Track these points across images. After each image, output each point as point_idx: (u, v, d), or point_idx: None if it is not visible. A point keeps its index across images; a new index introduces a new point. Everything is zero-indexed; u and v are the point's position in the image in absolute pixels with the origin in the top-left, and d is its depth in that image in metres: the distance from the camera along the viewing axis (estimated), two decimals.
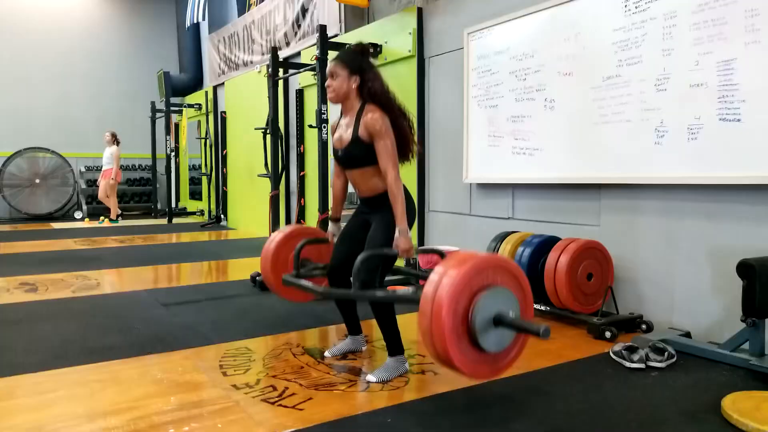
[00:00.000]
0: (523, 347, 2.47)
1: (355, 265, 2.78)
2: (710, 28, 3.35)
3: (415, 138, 3.12)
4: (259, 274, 5.15)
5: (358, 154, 2.95)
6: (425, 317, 2.27)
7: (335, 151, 3.12)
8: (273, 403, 2.61)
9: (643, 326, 3.70)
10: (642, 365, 3.01)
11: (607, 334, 3.50)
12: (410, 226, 2.98)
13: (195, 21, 10.87)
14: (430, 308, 2.24)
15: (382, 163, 2.88)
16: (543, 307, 4.00)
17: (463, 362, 2.27)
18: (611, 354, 3.18)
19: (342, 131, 3.05)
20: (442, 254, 3.11)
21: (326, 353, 3.27)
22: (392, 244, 2.89)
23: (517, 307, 2.36)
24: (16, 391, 2.77)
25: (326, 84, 3.04)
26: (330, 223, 3.36)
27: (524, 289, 2.45)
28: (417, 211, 3.84)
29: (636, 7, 3.75)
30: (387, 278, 3.54)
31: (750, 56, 3.18)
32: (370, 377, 2.86)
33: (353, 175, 3.06)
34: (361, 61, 3.01)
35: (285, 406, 2.58)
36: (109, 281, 5.55)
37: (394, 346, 2.96)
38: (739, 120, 3.23)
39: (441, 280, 2.27)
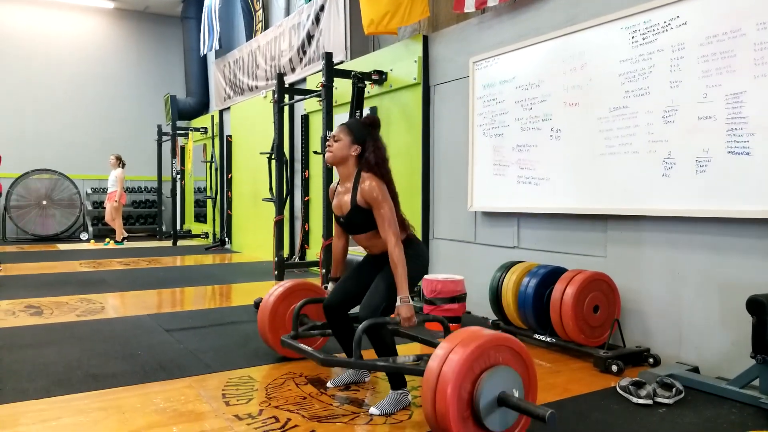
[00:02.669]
0: (528, 421, 2.45)
1: (356, 334, 2.78)
2: (718, 60, 3.36)
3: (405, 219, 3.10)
4: (262, 300, 5.12)
5: (359, 222, 3.01)
6: (429, 397, 2.31)
7: (337, 218, 3.17)
8: None
9: (650, 360, 3.65)
10: (649, 401, 2.97)
11: (614, 368, 3.46)
12: (419, 280, 2.95)
13: (211, 49, 10.97)
14: (434, 391, 2.29)
15: (382, 231, 2.91)
16: (548, 339, 3.95)
17: None
18: (618, 389, 3.13)
19: (340, 198, 3.09)
20: (445, 324, 3.10)
21: (329, 383, 3.24)
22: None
23: (520, 385, 2.38)
24: (20, 418, 2.75)
25: (327, 143, 3.09)
26: (330, 283, 3.35)
27: (527, 365, 2.47)
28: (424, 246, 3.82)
29: (643, 39, 3.76)
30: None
31: (759, 89, 3.18)
32: (373, 410, 2.83)
33: (360, 239, 3.11)
34: (366, 133, 3.06)
35: None
36: (113, 305, 5.53)
37: (397, 381, 2.93)
38: (748, 153, 3.22)
39: (445, 360, 2.31)
